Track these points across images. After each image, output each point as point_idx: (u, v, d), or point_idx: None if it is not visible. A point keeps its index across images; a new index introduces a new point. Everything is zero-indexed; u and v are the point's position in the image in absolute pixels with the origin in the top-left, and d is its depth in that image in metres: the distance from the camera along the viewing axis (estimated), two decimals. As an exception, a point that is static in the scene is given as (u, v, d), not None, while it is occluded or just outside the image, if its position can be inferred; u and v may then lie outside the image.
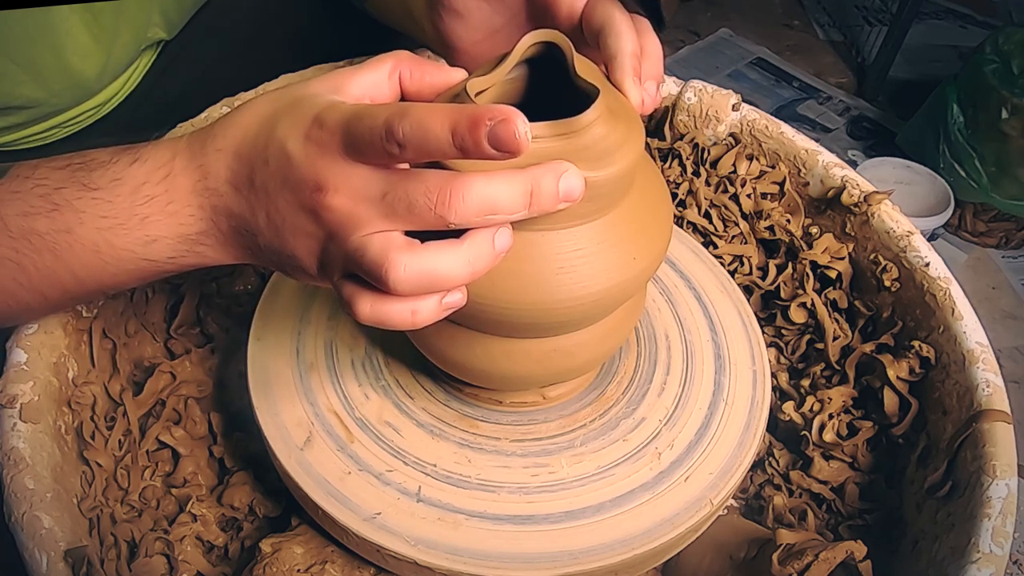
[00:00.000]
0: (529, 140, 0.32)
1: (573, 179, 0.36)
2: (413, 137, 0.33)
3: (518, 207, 0.35)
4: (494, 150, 0.32)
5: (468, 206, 0.33)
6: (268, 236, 0.38)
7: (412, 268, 0.34)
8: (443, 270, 0.34)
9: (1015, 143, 1.35)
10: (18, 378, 0.48)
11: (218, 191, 0.39)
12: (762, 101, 1.71)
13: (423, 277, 0.34)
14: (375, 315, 0.36)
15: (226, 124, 0.40)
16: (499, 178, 0.34)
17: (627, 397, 0.52)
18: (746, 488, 0.59)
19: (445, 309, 0.36)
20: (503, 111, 0.32)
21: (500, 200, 0.34)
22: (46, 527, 0.42)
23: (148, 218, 0.40)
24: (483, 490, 0.47)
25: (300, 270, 0.39)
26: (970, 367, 0.52)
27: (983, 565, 0.43)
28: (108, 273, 0.42)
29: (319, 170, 0.35)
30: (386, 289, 0.34)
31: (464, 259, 0.34)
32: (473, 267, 0.35)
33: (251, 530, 0.55)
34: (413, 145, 0.33)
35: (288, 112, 0.37)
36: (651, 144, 0.69)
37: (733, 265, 0.67)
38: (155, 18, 0.72)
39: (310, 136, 0.36)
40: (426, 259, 0.34)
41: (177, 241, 0.40)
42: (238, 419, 0.57)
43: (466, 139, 0.32)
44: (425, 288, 0.35)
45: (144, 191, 0.40)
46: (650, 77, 0.43)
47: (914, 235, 0.59)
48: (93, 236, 0.40)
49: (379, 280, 0.34)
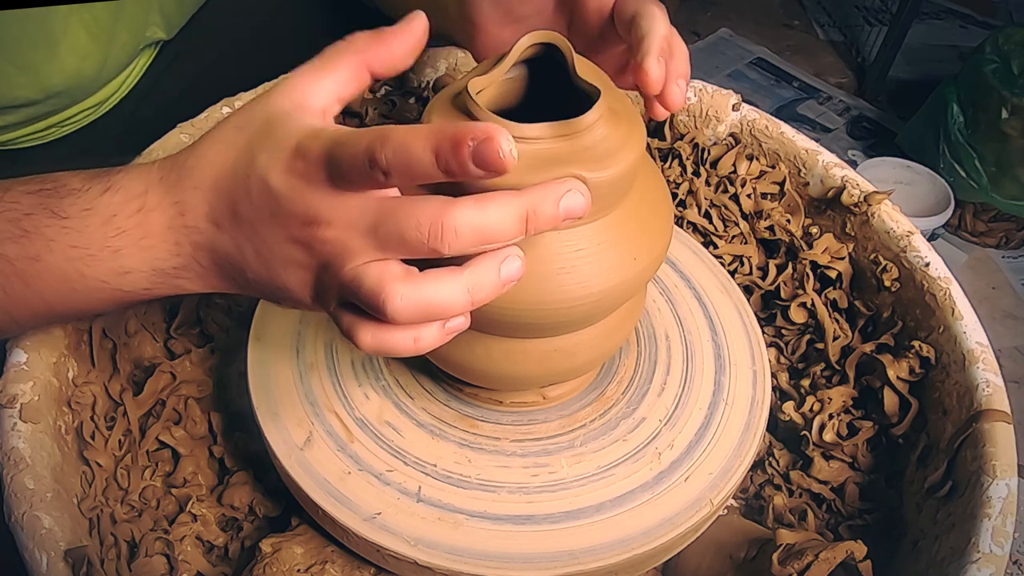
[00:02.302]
0: (515, 157, 0.31)
1: (575, 198, 0.34)
2: (396, 163, 0.32)
3: (513, 233, 0.33)
4: (479, 170, 0.31)
5: (461, 238, 0.32)
6: (257, 270, 0.37)
7: (409, 298, 0.33)
8: (442, 300, 0.33)
9: (1015, 143, 1.35)
10: (18, 378, 0.48)
11: (198, 228, 0.38)
12: (762, 101, 1.71)
13: (421, 307, 0.33)
14: (377, 344, 0.35)
15: (200, 156, 0.38)
16: (493, 205, 0.33)
17: (627, 397, 0.52)
18: (746, 488, 0.59)
19: (448, 334, 0.35)
20: (485, 129, 0.30)
21: (494, 227, 0.33)
22: (46, 527, 0.42)
23: (120, 251, 0.39)
24: (483, 490, 0.47)
25: (292, 300, 0.38)
26: (970, 367, 0.52)
27: (983, 565, 0.43)
28: (80, 301, 0.41)
29: (308, 203, 0.34)
30: (384, 319, 0.33)
31: (463, 288, 0.33)
32: (473, 296, 0.34)
33: (251, 530, 0.55)
34: (398, 171, 0.32)
35: (263, 140, 0.36)
36: (651, 144, 0.69)
37: (733, 265, 0.67)
38: (154, 18, 0.72)
39: (293, 169, 0.35)
40: (424, 289, 0.33)
41: (152, 274, 0.39)
42: (238, 419, 0.57)
43: (450, 161, 0.31)
44: (424, 317, 0.34)
45: (115, 223, 0.38)
46: (679, 75, 0.43)
47: (914, 235, 0.59)
48: (63, 265, 0.39)
49: (376, 311, 0.33)
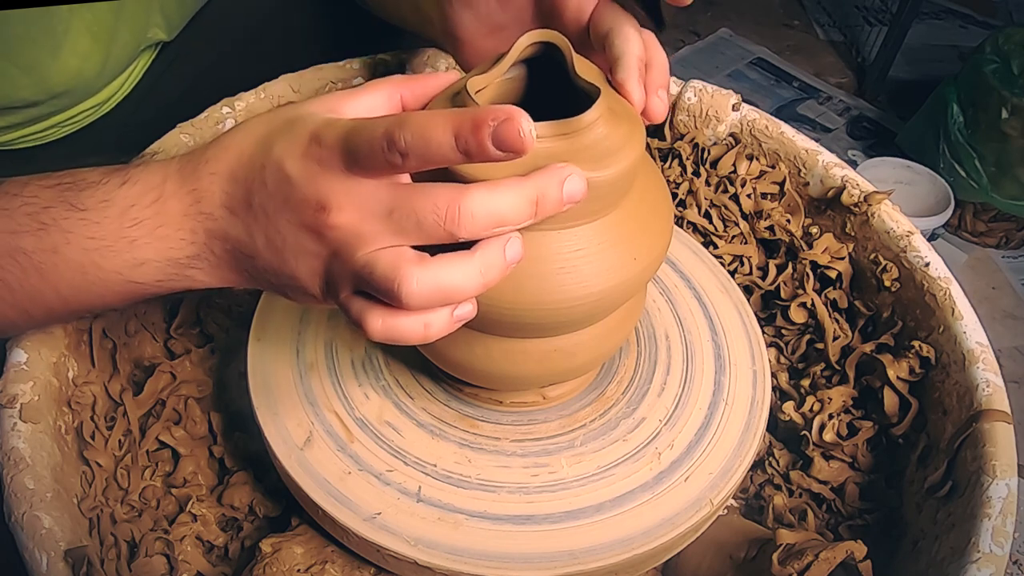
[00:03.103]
0: (534, 138, 0.32)
1: (576, 182, 0.35)
2: (415, 145, 0.32)
3: (525, 216, 0.34)
4: (499, 151, 0.32)
5: (477, 220, 0.33)
6: (267, 258, 0.38)
7: (425, 281, 0.33)
8: (456, 282, 0.34)
9: (1015, 143, 1.35)
10: (18, 378, 0.48)
11: (212, 215, 0.38)
12: (762, 101, 1.71)
13: (436, 290, 0.34)
14: (387, 331, 0.35)
15: (219, 147, 0.39)
16: (505, 189, 0.34)
17: (627, 397, 0.52)
18: (746, 488, 0.59)
19: (456, 321, 0.36)
20: (506, 111, 0.31)
21: (507, 211, 0.34)
22: (46, 527, 0.42)
23: (136, 241, 0.39)
24: (483, 490, 0.47)
25: (301, 291, 0.38)
26: (970, 367, 0.52)
27: (983, 565, 0.43)
28: (94, 294, 0.41)
29: (320, 188, 0.35)
30: (398, 304, 0.34)
31: (475, 270, 0.34)
32: (485, 278, 0.34)
33: (251, 530, 0.55)
34: (416, 153, 0.33)
35: (284, 132, 0.37)
36: (651, 144, 0.69)
37: (733, 265, 0.67)
38: (155, 19, 0.72)
39: (309, 154, 0.35)
40: (438, 272, 0.34)
41: (166, 264, 0.40)
42: (238, 419, 0.57)
43: (470, 142, 0.32)
44: (438, 301, 0.34)
45: (132, 213, 0.39)
46: (659, 86, 0.43)
47: (914, 235, 0.59)
48: (79, 257, 0.40)
49: (390, 295, 0.34)
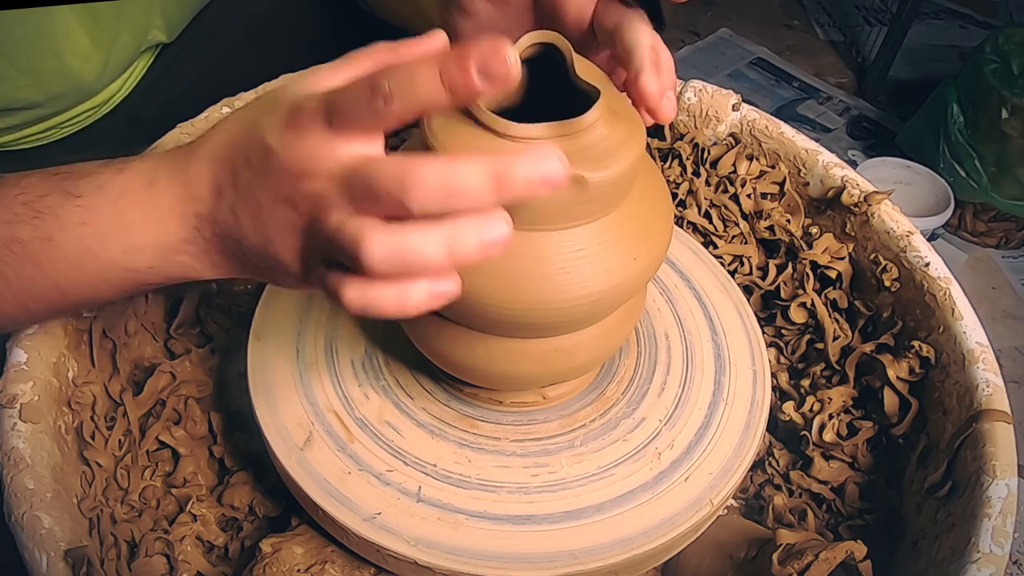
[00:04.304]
0: (519, 68, 0.31)
1: (551, 164, 0.32)
2: (399, 87, 0.32)
3: (484, 193, 0.32)
4: (486, 82, 0.31)
5: (429, 189, 0.31)
6: (252, 238, 0.38)
7: (386, 244, 0.32)
8: (419, 250, 0.32)
9: (1015, 143, 1.35)
10: (18, 378, 0.48)
11: (201, 197, 0.39)
12: (762, 101, 1.71)
13: (397, 254, 0.32)
14: (363, 301, 0.34)
15: (210, 133, 0.40)
16: (464, 161, 0.32)
17: (627, 397, 0.52)
18: (746, 488, 0.59)
19: (435, 297, 0.34)
20: (489, 41, 0.31)
21: (462, 183, 0.32)
22: (46, 527, 0.42)
23: (130, 226, 0.39)
24: (483, 490, 0.47)
25: (284, 272, 0.38)
26: (970, 367, 0.52)
27: (983, 565, 0.43)
28: (88, 284, 0.41)
29: (298, 155, 0.35)
30: (362, 268, 0.33)
31: (441, 240, 0.32)
32: (454, 251, 0.32)
33: (251, 530, 0.55)
34: (400, 94, 0.32)
35: (267, 109, 0.37)
36: (651, 144, 0.69)
37: (733, 265, 0.67)
38: (155, 20, 0.72)
39: (289, 123, 0.35)
40: (402, 237, 0.32)
41: (159, 249, 0.40)
42: (238, 419, 0.57)
43: (455, 76, 0.31)
44: (402, 268, 0.33)
45: (126, 198, 0.39)
46: (668, 87, 0.43)
47: (914, 235, 0.59)
48: (74, 244, 0.40)
49: (354, 259, 0.33)
